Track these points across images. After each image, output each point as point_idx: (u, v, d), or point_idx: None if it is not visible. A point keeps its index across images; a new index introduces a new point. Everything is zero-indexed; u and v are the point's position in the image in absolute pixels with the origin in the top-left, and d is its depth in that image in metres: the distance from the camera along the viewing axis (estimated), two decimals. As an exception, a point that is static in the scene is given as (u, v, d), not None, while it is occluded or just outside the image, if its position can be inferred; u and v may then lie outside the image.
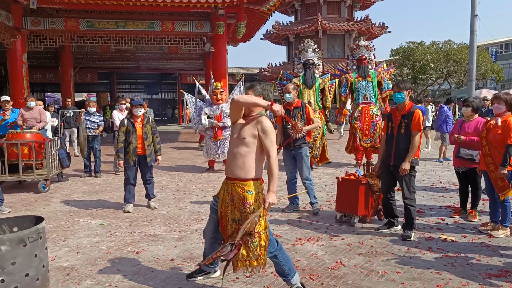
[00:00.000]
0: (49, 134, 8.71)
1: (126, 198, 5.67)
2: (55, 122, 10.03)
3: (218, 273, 3.41)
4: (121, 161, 5.60)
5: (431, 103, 13.14)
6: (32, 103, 7.95)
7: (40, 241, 2.98)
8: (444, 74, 28.79)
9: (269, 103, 2.96)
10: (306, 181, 5.43)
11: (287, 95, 5.50)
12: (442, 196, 6.33)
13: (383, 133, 4.80)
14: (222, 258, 2.83)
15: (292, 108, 5.53)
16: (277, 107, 2.95)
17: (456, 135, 5.04)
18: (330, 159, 8.99)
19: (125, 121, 5.63)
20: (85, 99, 26.81)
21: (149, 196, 5.83)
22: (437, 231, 4.60)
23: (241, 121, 3.06)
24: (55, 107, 12.34)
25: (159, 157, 5.91)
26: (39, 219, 3.17)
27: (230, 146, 3.10)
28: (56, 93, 32.72)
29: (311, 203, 5.48)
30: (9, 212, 5.58)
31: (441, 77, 29.54)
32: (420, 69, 27.79)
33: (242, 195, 2.91)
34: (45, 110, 9.15)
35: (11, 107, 8.06)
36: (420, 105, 11.78)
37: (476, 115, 5.18)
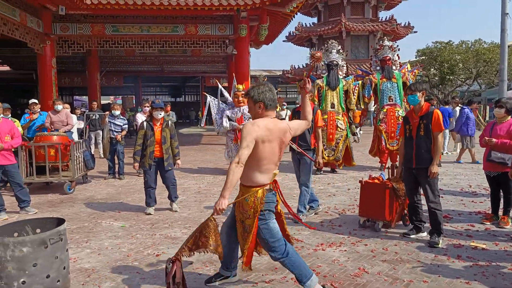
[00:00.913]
0: (75, 136, 8.91)
1: (147, 202, 5.69)
2: (81, 124, 10.25)
3: (237, 278, 3.35)
4: (136, 164, 5.60)
5: (459, 105, 12.70)
6: (59, 107, 8.15)
7: (61, 243, 3.00)
8: (473, 75, 27.88)
9: (304, 92, 3.18)
10: (303, 186, 5.18)
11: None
12: (472, 201, 6.07)
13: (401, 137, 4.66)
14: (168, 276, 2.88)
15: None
16: (309, 85, 3.13)
17: (487, 138, 4.82)
18: (355, 163, 8.80)
19: (145, 124, 5.60)
20: (111, 102, 27.40)
21: (171, 198, 5.82)
22: (466, 238, 4.40)
23: None
24: (82, 110, 12.61)
25: (178, 161, 5.83)
26: (60, 221, 3.20)
27: None
28: (84, 97, 33.58)
29: (298, 211, 5.15)
30: (36, 212, 5.71)
31: (470, 78, 28.61)
32: (448, 69, 27.00)
33: (243, 200, 2.95)
34: (72, 113, 9.37)
35: (39, 110, 8.28)
36: (447, 106, 11.42)
37: (509, 117, 4.93)
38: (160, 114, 5.59)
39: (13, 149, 5.65)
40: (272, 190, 2.97)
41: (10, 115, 7.49)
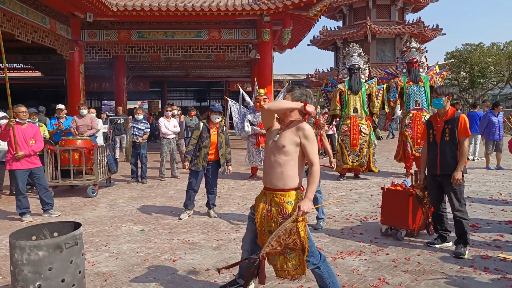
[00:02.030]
0: (100, 140, 9.08)
1: (185, 204, 5.67)
2: (106, 129, 10.45)
3: (252, 286, 3.29)
4: (187, 163, 5.55)
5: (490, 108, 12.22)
6: (84, 111, 8.34)
7: (77, 247, 3.01)
8: (506, 78, 26.87)
9: (301, 104, 2.80)
10: (317, 193, 5.04)
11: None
12: (502, 209, 5.79)
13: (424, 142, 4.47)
14: (244, 272, 2.74)
15: (306, 116, 5.25)
16: (311, 108, 2.79)
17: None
18: (376, 170, 8.56)
19: (201, 124, 5.57)
20: (138, 106, 27.94)
21: (209, 205, 5.76)
22: (495, 249, 4.18)
23: (277, 126, 2.94)
24: (107, 114, 12.90)
25: (230, 167, 5.81)
26: (77, 225, 3.23)
27: (266, 154, 2.94)
28: (112, 101, 34.43)
29: (318, 218, 5.08)
30: (59, 215, 5.83)
31: (502, 81, 27.58)
32: (479, 72, 26.11)
33: (281, 205, 2.76)
34: (98, 117, 9.57)
35: (65, 115, 8.50)
36: (476, 110, 11.01)
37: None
38: (218, 118, 5.56)
39: (38, 153, 5.80)
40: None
41: (37, 120, 7.72)
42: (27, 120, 5.78)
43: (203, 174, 5.65)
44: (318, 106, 14.40)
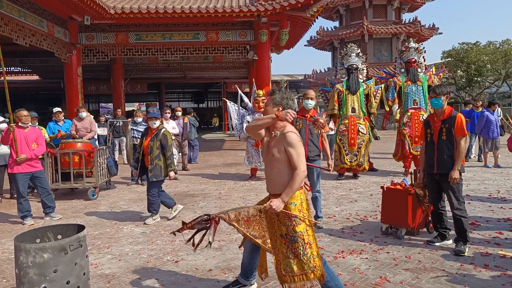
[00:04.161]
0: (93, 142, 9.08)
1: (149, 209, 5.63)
2: (105, 131, 10.46)
3: (255, 286, 3.32)
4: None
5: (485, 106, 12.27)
6: (84, 114, 8.36)
7: (81, 249, 3.04)
8: (502, 76, 27.00)
9: (274, 116, 2.83)
10: (317, 193, 5.17)
11: (309, 101, 5.25)
12: (501, 207, 5.83)
13: (422, 141, 4.52)
14: (196, 227, 2.94)
15: (309, 116, 5.30)
16: (284, 113, 2.82)
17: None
18: (366, 168, 8.55)
19: (144, 132, 5.67)
20: (135, 109, 27.94)
21: (149, 210, 5.56)
22: (494, 246, 4.22)
23: (266, 138, 3.00)
24: (106, 116, 12.91)
25: (170, 173, 5.58)
26: (81, 228, 3.25)
27: (265, 164, 3.02)
28: (110, 104, 34.42)
29: (317, 216, 5.17)
30: (60, 218, 5.84)
31: (499, 79, 27.72)
32: (476, 71, 26.24)
33: (286, 207, 2.82)
34: (96, 120, 9.59)
35: (63, 118, 8.51)
36: (467, 108, 11.09)
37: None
38: (155, 124, 5.56)
39: (39, 156, 5.81)
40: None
41: (37, 123, 7.73)
42: (29, 123, 5.79)
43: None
44: (318, 106, 14.47)
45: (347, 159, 8.30)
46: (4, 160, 6.80)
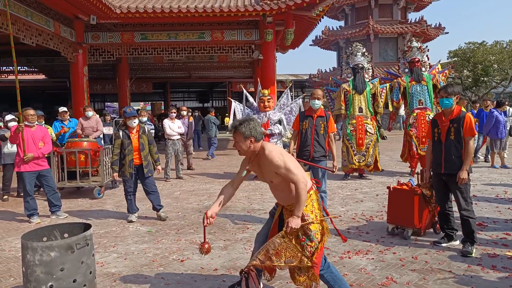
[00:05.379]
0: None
1: (128, 209, 5.67)
2: (111, 130, 10.50)
3: (261, 286, 3.31)
4: (115, 174, 5.56)
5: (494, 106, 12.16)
6: (90, 113, 8.40)
7: (88, 248, 3.05)
8: (509, 76, 26.79)
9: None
10: (323, 194, 5.19)
11: (316, 101, 5.24)
12: (508, 208, 5.78)
13: (429, 140, 4.49)
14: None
15: (315, 116, 5.29)
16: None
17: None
18: (381, 168, 8.59)
19: (120, 133, 5.54)
20: (140, 108, 28.01)
21: (155, 208, 5.70)
22: (502, 247, 4.19)
23: (254, 167, 3.02)
24: (111, 116, 12.95)
25: (158, 167, 5.77)
26: (87, 226, 3.26)
27: (269, 186, 3.04)
28: (115, 103, 34.54)
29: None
30: (66, 217, 5.87)
31: (506, 79, 27.51)
32: (482, 71, 26.05)
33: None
34: (101, 119, 9.62)
35: (69, 117, 8.55)
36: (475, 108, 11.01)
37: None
38: (135, 122, 5.56)
39: (46, 155, 5.84)
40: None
41: (43, 122, 7.76)
42: (36, 122, 5.82)
43: (137, 179, 5.65)
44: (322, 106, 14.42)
45: (355, 160, 8.27)
46: (12, 158, 6.83)
